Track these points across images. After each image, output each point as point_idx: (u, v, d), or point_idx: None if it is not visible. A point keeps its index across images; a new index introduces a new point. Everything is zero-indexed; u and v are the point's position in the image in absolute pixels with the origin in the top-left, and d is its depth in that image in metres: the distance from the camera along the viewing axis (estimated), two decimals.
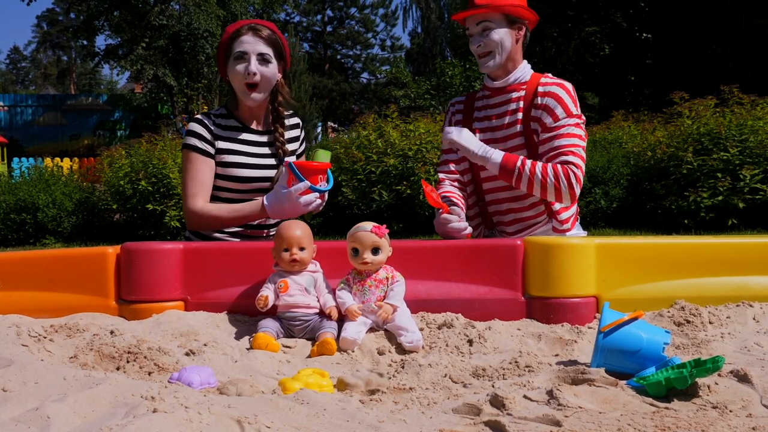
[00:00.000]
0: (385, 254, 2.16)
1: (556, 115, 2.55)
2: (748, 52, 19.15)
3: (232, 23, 2.73)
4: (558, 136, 2.53)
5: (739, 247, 2.38)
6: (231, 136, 2.67)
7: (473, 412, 1.55)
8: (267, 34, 2.61)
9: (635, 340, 1.79)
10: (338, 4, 36.72)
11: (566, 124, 2.54)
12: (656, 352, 1.78)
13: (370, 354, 2.02)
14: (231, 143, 2.66)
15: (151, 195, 8.81)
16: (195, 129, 2.64)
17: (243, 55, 2.57)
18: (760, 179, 7.73)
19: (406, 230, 8.49)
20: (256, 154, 2.68)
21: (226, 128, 2.68)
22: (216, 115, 2.71)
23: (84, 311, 2.26)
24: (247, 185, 2.66)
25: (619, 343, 1.80)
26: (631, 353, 1.79)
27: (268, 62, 2.60)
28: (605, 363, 1.80)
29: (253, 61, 2.57)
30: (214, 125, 2.66)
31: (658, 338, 1.80)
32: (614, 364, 1.80)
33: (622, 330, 1.81)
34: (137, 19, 23.81)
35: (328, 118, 32.20)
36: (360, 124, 9.65)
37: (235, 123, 2.69)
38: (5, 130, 26.80)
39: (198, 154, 2.62)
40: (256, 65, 2.57)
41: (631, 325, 1.82)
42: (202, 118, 2.68)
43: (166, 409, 1.35)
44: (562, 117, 2.55)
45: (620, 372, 1.77)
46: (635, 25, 23.05)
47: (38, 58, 64.30)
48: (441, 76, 19.44)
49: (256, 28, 2.60)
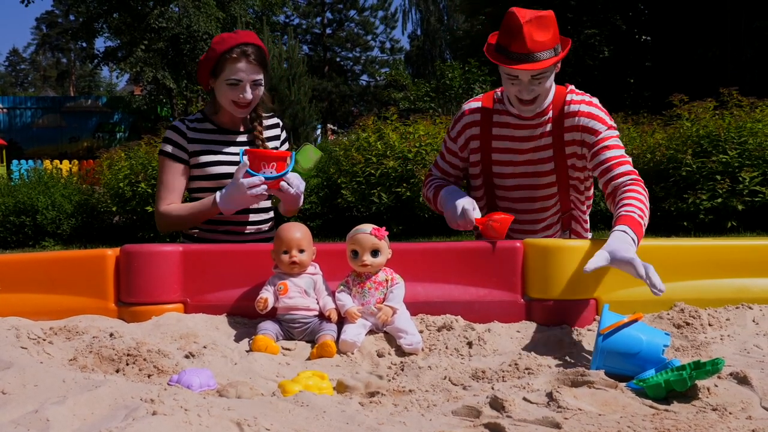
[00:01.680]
0: (385, 256, 2.16)
1: (596, 131, 2.46)
2: (747, 55, 19.16)
3: (219, 35, 2.68)
4: (605, 148, 2.44)
5: (739, 249, 2.39)
6: (206, 138, 2.70)
7: (473, 415, 1.55)
8: (257, 57, 2.61)
9: (635, 342, 1.79)
10: (338, 7, 36.74)
11: (609, 136, 2.46)
12: (656, 354, 1.78)
13: (369, 356, 2.02)
14: (206, 145, 2.69)
15: (151, 197, 8.81)
16: (169, 135, 2.70)
17: (238, 83, 2.60)
18: (759, 181, 7.74)
19: (405, 232, 8.49)
20: (232, 154, 2.70)
21: (202, 131, 2.71)
22: (191, 120, 2.75)
23: (83, 313, 2.25)
24: (224, 184, 2.65)
25: (618, 346, 1.80)
26: (630, 355, 1.79)
27: (260, 86, 2.64)
28: (605, 365, 1.80)
29: (248, 89, 2.61)
30: (189, 129, 2.70)
31: (658, 340, 1.80)
32: (614, 366, 1.80)
33: (621, 332, 1.81)
34: (136, 21, 23.84)
35: (328, 121, 32.20)
36: (359, 127, 9.67)
37: (211, 126, 2.73)
38: (4, 133, 26.79)
39: (169, 159, 2.68)
40: (250, 92, 2.62)
41: (630, 327, 1.82)
42: (177, 125, 2.72)
43: (166, 412, 1.35)
44: (603, 131, 2.46)
45: (620, 374, 1.77)
46: (635, 27, 23.06)
47: (37, 60, 64.32)
48: (440, 79, 19.45)
49: (247, 53, 2.59)
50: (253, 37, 2.66)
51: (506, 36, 2.37)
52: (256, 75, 2.61)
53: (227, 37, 2.63)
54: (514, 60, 2.34)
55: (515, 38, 2.34)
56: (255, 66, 2.60)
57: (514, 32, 2.33)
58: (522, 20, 2.32)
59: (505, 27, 2.38)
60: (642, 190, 2.31)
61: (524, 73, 2.36)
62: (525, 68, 2.33)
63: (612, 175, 2.38)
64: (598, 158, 2.44)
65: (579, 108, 2.49)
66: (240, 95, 2.60)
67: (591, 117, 2.48)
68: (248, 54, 2.59)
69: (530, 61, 2.33)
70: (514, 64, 2.34)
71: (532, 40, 2.32)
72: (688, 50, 20.16)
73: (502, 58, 2.38)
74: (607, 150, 2.43)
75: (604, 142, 2.45)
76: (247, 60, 2.58)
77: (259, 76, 2.62)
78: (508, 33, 2.36)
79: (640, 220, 2.18)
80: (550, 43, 2.36)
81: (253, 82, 2.61)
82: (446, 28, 39.56)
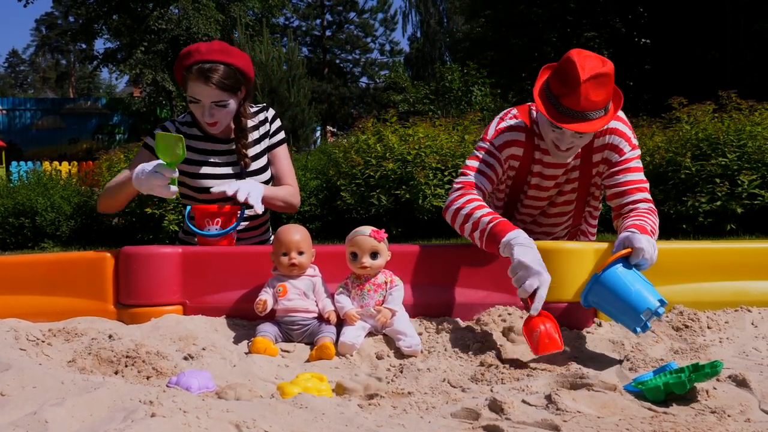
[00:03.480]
0: (384, 259, 2.16)
1: (622, 150, 2.37)
2: (746, 58, 19.18)
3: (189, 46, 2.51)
4: (626, 170, 2.36)
5: (738, 252, 2.39)
6: (193, 145, 2.63)
7: (472, 417, 1.55)
8: (218, 79, 2.45)
9: (624, 287, 1.92)
10: (337, 9, 36.74)
11: (632, 157, 2.37)
12: (635, 311, 1.90)
13: (368, 358, 2.02)
14: (192, 153, 2.62)
15: (150, 199, 8.80)
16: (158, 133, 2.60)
17: (197, 101, 2.49)
18: (758, 184, 7.74)
19: (404, 235, 8.49)
20: (216, 164, 2.65)
21: (190, 137, 2.64)
22: (180, 122, 2.68)
23: (82, 315, 2.25)
24: (207, 195, 2.62)
25: (609, 281, 1.94)
26: (614, 296, 1.93)
27: (224, 106, 2.51)
28: (589, 293, 1.98)
29: (207, 110, 2.49)
30: (178, 132, 2.64)
31: (648, 300, 1.90)
32: (598, 299, 1.96)
33: (621, 272, 1.94)
34: (136, 23, 23.84)
35: (327, 123, 32.23)
36: (359, 129, 9.65)
37: (198, 132, 2.66)
38: (4, 134, 26.78)
39: (147, 150, 2.61)
40: (211, 112, 2.50)
41: (633, 275, 1.95)
42: (168, 126, 2.67)
43: (165, 414, 1.35)
44: (627, 151, 2.38)
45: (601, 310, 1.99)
46: (634, 30, 23.08)
47: (37, 61, 64.29)
48: (440, 81, 19.47)
49: (207, 75, 2.44)
50: (222, 54, 2.49)
51: (560, 86, 2.18)
52: (215, 96, 2.47)
53: (194, 51, 2.49)
54: (564, 114, 2.18)
55: (570, 93, 2.16)
56: (213, 87, 2.45)
57: (571, 86, 2.15)
58: (582, 77, 2.13)
59: (561, 75, 2.18)
60: (654, 217, 2.24)
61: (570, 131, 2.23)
62: (574, 128, 2.18)
63: (626, 201, 2.31)
64: (616, 179, 2.36)
65: (609, 125, 2.37)
66: (201, 114, 2.51)
67: (620, 135, 2.38)
68: (208, 77, 2.44)
69: (580, 119, 2.18)
70: (563, 122, 2.19)
71: (588, 99, 2.15)
72: (687, 53, 20.17)
73: (552, 110, 2.21)
74: (628, 173, 2.35)
75: (626, 164, 2.36)
76: (206, 83, 2.44)
77: (219, 97, 2.47)
78: (564, 83, 2.17)
79: (653, 236, 2.13)
80: (603, 103, 2.19)
81: (215, 103, 2.49)
82: (446, 31, 39.57)
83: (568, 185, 2.52)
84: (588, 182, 2.52)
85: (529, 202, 2.58)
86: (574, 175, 2.50)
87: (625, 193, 2.33)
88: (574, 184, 2.52)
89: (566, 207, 2.59)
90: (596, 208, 2.69)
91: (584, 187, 2.53)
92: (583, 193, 2.56)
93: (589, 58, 2.18)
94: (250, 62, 2.59)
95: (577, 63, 2.14)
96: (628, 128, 2.41)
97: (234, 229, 2.47)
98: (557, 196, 2.56)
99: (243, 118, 2.62)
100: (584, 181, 2.51)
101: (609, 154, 2.40)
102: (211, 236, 2.45)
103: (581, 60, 2.16)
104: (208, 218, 2.44)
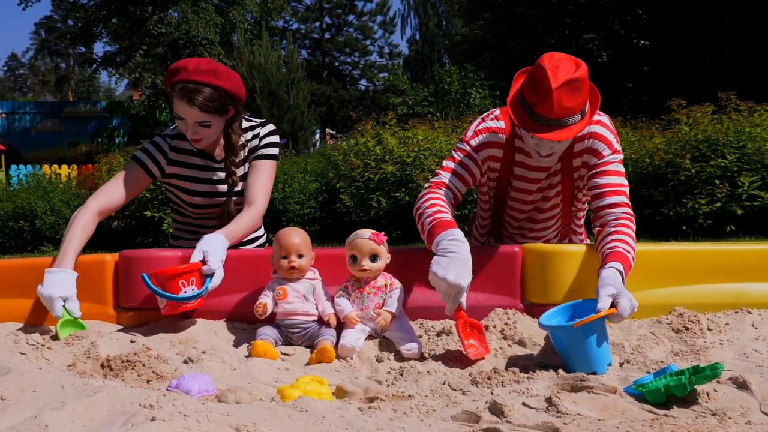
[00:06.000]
0: (384, 261, 2.16)
1: (600, 154, 2.34)
2: (745, 59, 19.21)
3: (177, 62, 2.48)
4: (604, 173, 2.32)
5: (738, 253, 2.39)
6: (184, 161, 2.61)
7: (472, 420, 1.55)
8: (201, 102, 2.40)
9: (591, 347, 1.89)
10: (336, 12, 36.77)
11: (611, 161, 2.34)
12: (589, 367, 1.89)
13: (368, 361, 2.02)
14: (183, 168, 2.60)
15: (150, 202, 8.80)
16: (149, 149, 2.59)
17: (182, 118, 2.46)
18: (758, 186, 7.74)
19: (404, 237, 8.48)
20: (207, 180, 2.63)
21: (182, 151, 2.61)
22: (171, 136, 2.62)
23: (82, 319, 2.25)
24: (198, 210, 2.64)
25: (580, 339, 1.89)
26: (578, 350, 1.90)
27: (208, 126, 2.47)
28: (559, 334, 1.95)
29: (191, 128, 2.46)
30: (170, 149, 2.60)
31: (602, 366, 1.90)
32: (563, 342, 1.94)
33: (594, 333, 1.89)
34: (135, 26, 23.86)
35: (327, 125, 32.23)
36: (358, 131, 9.65)
37: (190, 146, 2.61)
38: (3, 138, 26.81)
39: (138, 166, 2.56)
40: (194, 130, 2.46)
41: (602, 335, 1.91)
42: (159, 142, 2.61)
43: (165, 417, 1.35)
44: (607, 155, 2.34)
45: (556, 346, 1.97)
46: (633, 32, 23.11)
47: (36, 65, 64.36)
48: (439, 83, 19.47)
49: (191, 96, 2.39)
50: (209, 75, 2.43)
51: (533, 93, 2.14)
52: (198, 117, 2.43)
53: (181, 68, 2.43)
54: (539, 123, 2.15)
55: (543, 101, 2.12)
56: (197, 109, 2.41)
57: (542, 94, 2.11)
58: (553, 85, 2.08)
59: (532, 83, 2.14)
60: (631, 228, 2.21)
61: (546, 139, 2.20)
62: (550, 138, 2.15)
63: (604, 204, 2.27)
64: (595, 182, 2.32)
65: (590, 129, 2.35)
66: (185, 130, 2.48)
67: (600, 139, 2.35)
68: (192, 98, 2.39)
69: (557, 126, 2.15)
70: (538, 131, 2.16)
71: (561, 107, 2.11)
72: (686, 55, 20.21)
73: (526, 119, 2.18)
74: (606, 175, 2.31)
75: (604, 167, 2.33)
76: (189, 102, 2.40)
77: (202, 117, 2.43)
78: (536, 91, 2.12)
79: (629, 258, 2.11)
80: (579, 108, 2.15)
81: (198, 123, 2.45)
82: (445, 33, 39.63)
83: (552, 190, 2.52)
84: (571, 185, 2.51)
85: (514, 205, 2.58)
86: (556, 180, 2.49)
87: (601, 196, 2.29)
88: (558, 188, 2.52)
89: (553, 211, 2.60)
90: (581, 210, 2.70)
91: (568, 190, 2.53)
92: (568, 197, 2.56)
93: (562, 61, 2.14)
94: (239, 82, 2.51)
95: (548, 70, 2.10)
96: (610, 132, 2.37)
97: (206, 288, 2.17)
98: (542, 201, 2.56)
99: (234, 135, 2.55)
100: (567, 185, 2.50)
101: (588, 158, 2.37)
102: (194, 298, 2.14)
103: (552, 66, 2.11)
104: (183, 280, 2.13)
